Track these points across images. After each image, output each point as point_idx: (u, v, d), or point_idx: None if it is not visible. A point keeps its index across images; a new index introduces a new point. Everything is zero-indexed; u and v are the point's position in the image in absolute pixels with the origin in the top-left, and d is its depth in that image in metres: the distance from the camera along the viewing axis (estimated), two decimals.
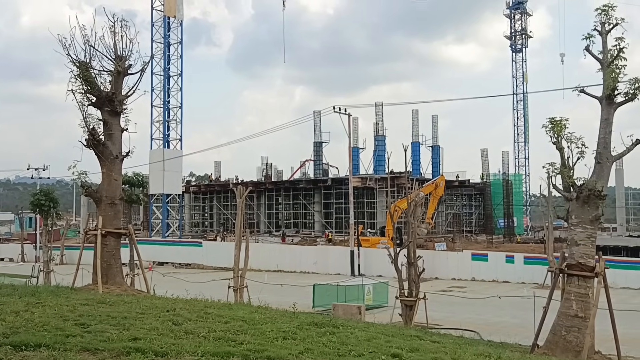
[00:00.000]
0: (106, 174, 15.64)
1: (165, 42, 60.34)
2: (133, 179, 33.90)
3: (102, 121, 15.77)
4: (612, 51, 13.22)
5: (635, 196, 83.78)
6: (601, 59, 13.44)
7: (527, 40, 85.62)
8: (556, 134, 13.46)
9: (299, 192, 69.91)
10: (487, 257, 41.53)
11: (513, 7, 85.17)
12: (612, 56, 13.16)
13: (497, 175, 73.65)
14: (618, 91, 13.13)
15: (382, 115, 70.97)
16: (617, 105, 13.30)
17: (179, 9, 60.59)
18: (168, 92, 60.69)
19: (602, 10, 13.37)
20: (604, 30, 13.43)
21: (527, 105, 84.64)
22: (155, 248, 52.72)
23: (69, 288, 14.44)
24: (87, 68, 15.22)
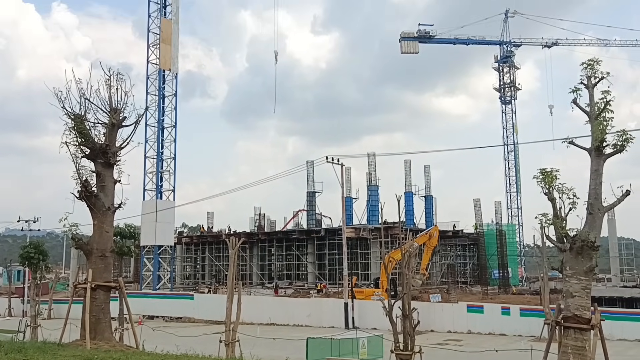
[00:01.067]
0: (97, 226, 15.53)
1: (160, 94, 61.12)
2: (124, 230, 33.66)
3: (95, 173, 15.78)
4: (599, 104, 13.48)
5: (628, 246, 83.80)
6: (589, 111, 13.68)
7: (516, 92, 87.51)
8: (547, 185, 13.54)
9: (292, 242, 69.47)
10: (482, 309, 40.96)
11: (501, 60, 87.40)
12: (599, 109, 13.41)
13: (491, 226, 73.67)
14: (606, 143, 13.32)
15: (374, 166, 71.54)
16: (606, 156, 13.46)
17: (174, 63, 61.69)
18: (162, 143, 61.04)
19: (588, 65, 13.71)
20: (590, 84, 13.73)
21: (518, 156, 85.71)
22: (145, 301, 51.76)
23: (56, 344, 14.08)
24: (81, 121, 15.35)
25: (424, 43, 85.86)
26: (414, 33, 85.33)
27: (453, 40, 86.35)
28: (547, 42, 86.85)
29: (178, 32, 62.84)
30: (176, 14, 62.31)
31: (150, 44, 61.28)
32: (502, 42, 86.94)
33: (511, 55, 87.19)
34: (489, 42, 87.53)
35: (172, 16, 61.86)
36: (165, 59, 60.48)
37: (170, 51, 60.93)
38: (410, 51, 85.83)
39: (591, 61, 13.69)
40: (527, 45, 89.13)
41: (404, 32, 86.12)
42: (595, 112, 13.42)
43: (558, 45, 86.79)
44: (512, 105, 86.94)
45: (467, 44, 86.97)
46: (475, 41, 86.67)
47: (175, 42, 61.88)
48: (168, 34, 60.89)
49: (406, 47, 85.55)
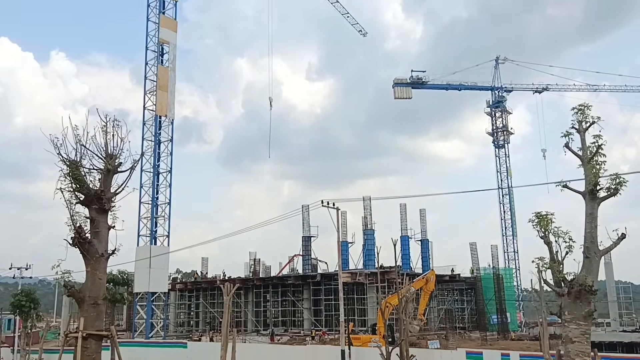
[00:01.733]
0: (90, 273, 15.32)
1: (156, 140, 61.49)
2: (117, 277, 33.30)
3: (89, 219, 15.66)
4: (591, 148, 13.62)
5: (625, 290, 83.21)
6: (581, 155, 13.82)
7: (508, 136, 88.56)
8: (543, 229, 13.53)
9: (288, 288, 68.69)
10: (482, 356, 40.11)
11: (493, 105, 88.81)
12: (592, 153, 13.55)
13: (488, 270, 73.22)
14: (600, 186, 13.39)
15: (370, 209, 71.57)
16: (600, 200, 13.51)
17: (170, 109, 62.34)
18: (157, 188, 61.01)
19: (579, 110, 13.92)
20: (581, 129, 13.91)
21: (513, 199, 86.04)
22: (137, 350, 50.53)
23: None
24: (77, 167, 15.34)
25: (416, 89, 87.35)
26: (406, 79, 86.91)
27: (445, 86, 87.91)
28: (537, 88, 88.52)
29: (175, 79, 63.78)
30: (173, 61, 63.37)
31: (147, 90, 62.06)
32: (494, 88, 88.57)
33: (503, 100, 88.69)
34: (481, 88, 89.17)
35: (169, 64, 62.90)
36: (162, 106, 61.13)
37: (166, 98, 61.66)
38: (404, 96, 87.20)
39: (581, 106, 13.91)
40: (518, 90, 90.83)
41: (397, 79, 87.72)
42: (587, 156, 13.54)
43: (549, 91, 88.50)
44: (505, 149, 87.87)
45: (459, 89, 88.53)
46: (467, 87, 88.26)
47: (171, 89, 62.70)
48: (165, 81, 61.76)
49: (399, 92, 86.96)
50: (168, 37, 62.65)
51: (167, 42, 62.69)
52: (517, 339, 59.10)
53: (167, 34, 62.56)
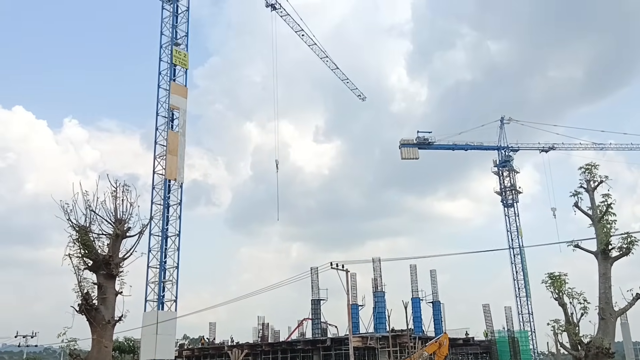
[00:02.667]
0: (97, 341, 15.08)
1: (165, 203, 61.80)
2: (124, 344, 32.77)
3: (97, 285, 15.58)
4: (601, 207, 13.61)
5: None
6: (591, 214, 13.78)
7: (517, 195, 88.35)
8: (557, 290, 13.35)
9: (297, 353, 67.03)
10: None
11: (500, 165, 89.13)
12: (602, 212, 13.52)
13: (502, 332, 71.36)
14: (612, 246, 13.29)
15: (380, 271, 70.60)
16: (613, 259, 13.36)
17: (180, 173, 63.01)
18: (165, 252, 60.76)
19: (586, 169, 14.01)
20: (590, 188, 13.95)
21: (525, 259, 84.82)
22: None
23: None
24: (86, 232, 15.42)
25: (423, 149, 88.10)
26: (413, 140, 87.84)
27: (452, 146, 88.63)
28: (543, 147, 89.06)
29: (184, 143, 64.81)
30: (183, 126, 64.60)
31: (157, 155, 62.94)
32: (500, 147, 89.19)
33: (510, 159, 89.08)
34: (487, 148, 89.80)
35: (179, 129, 64.09)
36: (171, 170, 61.84)
37: (176, 162, 62.46)
38: (411, 157, 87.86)
39: (589, 165, 14.00)
40: (525, 149, 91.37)
41: (403, 139, 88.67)
42: (597, 215, 13.50)
43: (555, 150, 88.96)
44: (515, 208, 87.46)
45: (465, 149, 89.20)
46: (473, 147, 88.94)
47: (181, 153, 63.60)
48: (175, 145, 62.75)
49: (406, 153, 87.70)
50: (178, 103, 64.15)
51: (178, 108, 64.14)
52: None
53: (178, 100, 64.10)
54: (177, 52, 63.64)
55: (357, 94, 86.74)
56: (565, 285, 13.28)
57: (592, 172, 13.94)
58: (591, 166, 14.01)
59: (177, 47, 63.92)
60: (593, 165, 14.03)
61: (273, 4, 69.88)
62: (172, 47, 63.61)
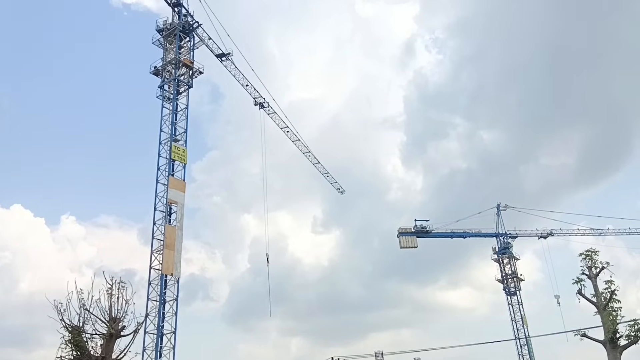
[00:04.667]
0: None
1: (161, 299, 60.45)
2: None
3: None
4: (605, 294, 13.39)
5: None
6: (595, 302, 13.53)
7: (519, 283, 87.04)
8: None
9: None
10: None
11: (500, 252, 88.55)
12: (606, 299, 13.29)
13: None
14: (620, 334, 12.94)
15: None
16: (622, 348, 12.99)
17: (177, 267, 62.18)
18: (160, 351, 58.68)
19: (587, 255, 13.91)
20: (592, 274, 13.81)
21: (532, 350, 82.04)
22: None
23: None
24: (79, 333, 15.01)
25: (421, 237, 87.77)
26: (411, 228, 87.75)
27: (450, 234, 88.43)
28: (542, 233, 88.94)
29: (182, 237, 64.44)
30: (180, 220, 64.56)
31: (154, 250, 62.36)
32: (498, 234, 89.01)
33: (509, 246, 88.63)
34: (485, 235, 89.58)
35: (176, 223, 64.00)
36: (168, 264, 61.08)
37: (173, 256, 61.83)
38: (409, 246, 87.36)
39: (589, 252, 13.93)
40: (523, 236, 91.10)
41: (401, 228, 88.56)
42: (602, 303, 13.26)
43: (553, 236, 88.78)
44: (518, 296, 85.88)
45: (464, 237, 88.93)
46: (471, 234, 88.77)
47: (178, 247, 63.09)
48: (172, 240, 62.40)
49: (405, 242, 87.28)
50: (176, 197, 64.53)
51: (176, 202, 64.42)
52: None
53: (176, 194, 64.53)
54: (176, 148, 64.88)
55: (336, 187, 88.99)
56: None
57: (592, 259, 13.87)
58: (591, 252, 13.96)
59: (176, 143, 65.23)
60: (593, 252, 13.99)
61: (261, 103, 74.14)
62: (171, 143, 64.91)
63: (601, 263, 13.78)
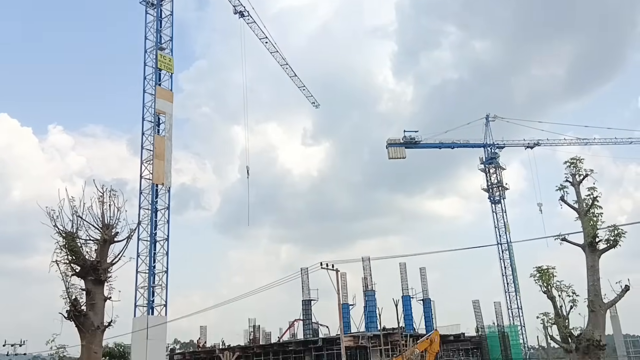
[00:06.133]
0: (86, 347, 14.92)
1: (153, 208, 61.40)
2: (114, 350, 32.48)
3: (85, 291, 15.41)
4: (587, 200, 13.71)
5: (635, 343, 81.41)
6: (577, 208, 13.88)
7: (504, 192, 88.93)
8: (545, 283, 13.42)
9: (289, 355, 66.94)
10: None
11: (487, 162, 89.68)
12: (588, 205, 13.62)
13: (492, 328, 71.74)
14: (599, 238, 13.38)
15: (370, 270, 70.70)
16: (601, 252, 13.46)
17: (167, 177, 62.64)
18: (154, 257, 60.36)
19: (571, 163, 14.10)
20: (575, 182, 14.04)
21: (513, 254, 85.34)
22: None
23: None
24: (73, 238, 15.25)
25: (410, 148, 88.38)
26: (399, 139, 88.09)
27: (438, 145, 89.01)
28: (529, 143, 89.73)
29: (171, 147, 64.42)
30: (169, 130, 64.21)
31: (144, 160, 62.55)
32: (486, 145, 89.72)
33: (496, 156, 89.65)
34: (473, 145, 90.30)
35: (165, 133, 63.69)
36: (159, 174, 61.46)
37: (163, 166, 62.09)
38: (398, 156, 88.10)
39: (574, 160, 14.09)
40: (510, 146, 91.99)
41: (390, 139, 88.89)
42: (584, 209, 13.60)
43: (540, 146, 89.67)
44: (502, 204, 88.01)
45: (452, 147, 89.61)
46: (459, 145, 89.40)
47: (168, 157, 63.23)
48: (161, 150, 62.39)
49: (393, 152, 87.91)
50: (164, 107, 63.79)
51: (164, 112, 63.76)
52: None
53: (163, 104, 63.73)
54: (162, 56, 63.28)
55: (311, 101, 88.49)
56: (553, 278, 13.37)
57: (577, 166, 14.05)
58: (576, 160, 14.11)
59: (161, 51, 63.54)
60: (578, 159, 14.13)
61: (241, 11, 71.43)
62: (156, 51, 63.23)
63: (585, 170, 13.98)
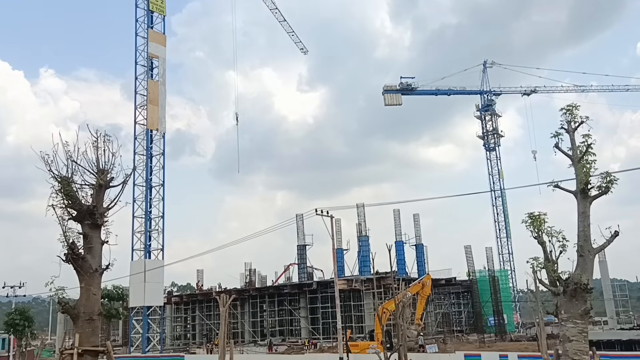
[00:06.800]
0: (85, 289, 15.20)
1: (148, 154, 61.35)
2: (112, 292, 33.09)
3: (82, 235, 15.56)
4: (581, 147, 13.72)
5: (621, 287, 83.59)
6: (571, 155, 13.90)
7: (499, 139, 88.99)
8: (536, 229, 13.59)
9: (284, 297, 68.49)
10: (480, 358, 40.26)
11: (483, 109, 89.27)
12: (582, 152, 13.65)
13: (483, 272, 73.33)
14: (591, 185, 13.48)
15: (364, 216, 71.58)
16: (592, 198, 13.59)
17: (161, 123, 62.26)
18: (150, 202, 60.80)
19: (567, 110, 14.03)
20: (570, 129, 14.01)
21: (506, 201, 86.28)
22: None
23: None
24: (68, 183, 15.25)
25: (406, 95, 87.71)
26: (396, 86, 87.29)
27: (434, 92, 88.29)
28: (525, 90, 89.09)
29: (165, 92, 63.75)
30: (163, 75, 63.35)
31: (138, 105, 62.00)
32: (483, 92, 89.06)
33: (492, 103, 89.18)
34: (470, 92, 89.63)
35: (158, 78, 62.86)
36: (153, 120, 61.06)
37: (157, 112, 61.61)
38: (394, 103, 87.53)
39: (570, 106, 14.02)
40: (507, 93, 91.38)
41: (386, 85, 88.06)
42: (577, 156, 13.64)
43: (537, 93, 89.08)
44: (497, 152, 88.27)
45: (448, 94, 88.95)
46: (456, 92, 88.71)
47: (162, 103, 62.67)
48: (155, 95, 61.74)
49: (389, 99, 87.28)
50: (157, 51, 62.69)
51: (157, 56, 62.72)
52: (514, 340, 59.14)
53: (156, 48, 62.61)
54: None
55: (300, 47, 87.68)
56: (544, 224, 13.53)
57: (573, 113, 13.97)
58: (572, 107, 14.02)
59: None
60: (574, 106, 14.05)
61: None
62: None
63: (581, 117, 13.92)
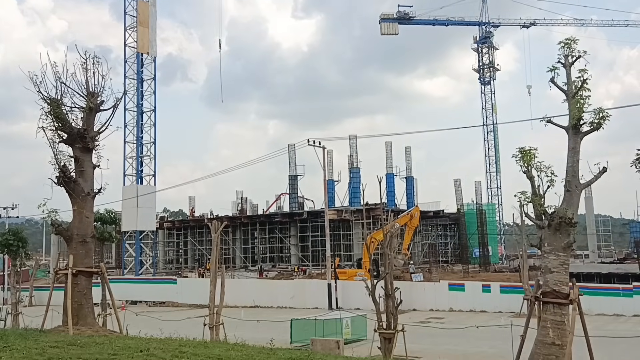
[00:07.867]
0: (77, 212, 15.35)
1: (139, 78, 60.29)
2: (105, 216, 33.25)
3: (74, 158, 15.53)
4: (577, 82, 13.62)
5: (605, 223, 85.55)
6: (566, 90, 13.82)
7: (495, 73, 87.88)
8: (526, 164, 13.70)
9: (275, 225, 69.60)
10: (464, 287, 41.62)
11: (480, 41, 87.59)
12: (577, 87, 13.56)
13: (471, 205, 74.47)
14: (583, 121, 13.48)
15: (356, 148, 71.72)
16: (583, 134, 13.63)
17: (152, 46, 60.81)
18: (141, 127, 60.37)
19: (565, 44, 13.81)
20: (567, 63, 13.85)
21: (498, 136, 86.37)
22: (128, 286, 51.60)
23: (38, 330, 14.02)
24: (58, 105, 15.05)
25: (403, 24, 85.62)
26: (393, 14, 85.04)
27: (432, 21, 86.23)
28: (525, 22, 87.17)
29: (155, 14, 61.89)
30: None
31: (128, 26, 60.29)
32: (481, 23, 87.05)
33: (490, 35, 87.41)
34: (468, 23, 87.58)
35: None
36: (143, 42, 59.59)
37: (147, 34, 60.04)
38: (390, 32, 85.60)
39: (568, 40, 13.79)
40: (506, 25, 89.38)
41: (383, 14, 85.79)
42: (572, 91, 13.56)
43: (536, 26, 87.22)
44: (491, 85, 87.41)
45: (446, 24, 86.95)
46: (454, 22, 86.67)
47: (152, 25, 60.97)
48: (145, 16, 59.94)
49: (386, 28, 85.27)
50: None
51: None
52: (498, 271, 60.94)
53: None
54: None
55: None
56: (534, 159, 13.62)
57: (570, 47, 13.75)
58: (570, 41, 13.79)
59: None
60: (572, 40, 13.81)
61: None
62: None
63: (578, 52, 13.72)
